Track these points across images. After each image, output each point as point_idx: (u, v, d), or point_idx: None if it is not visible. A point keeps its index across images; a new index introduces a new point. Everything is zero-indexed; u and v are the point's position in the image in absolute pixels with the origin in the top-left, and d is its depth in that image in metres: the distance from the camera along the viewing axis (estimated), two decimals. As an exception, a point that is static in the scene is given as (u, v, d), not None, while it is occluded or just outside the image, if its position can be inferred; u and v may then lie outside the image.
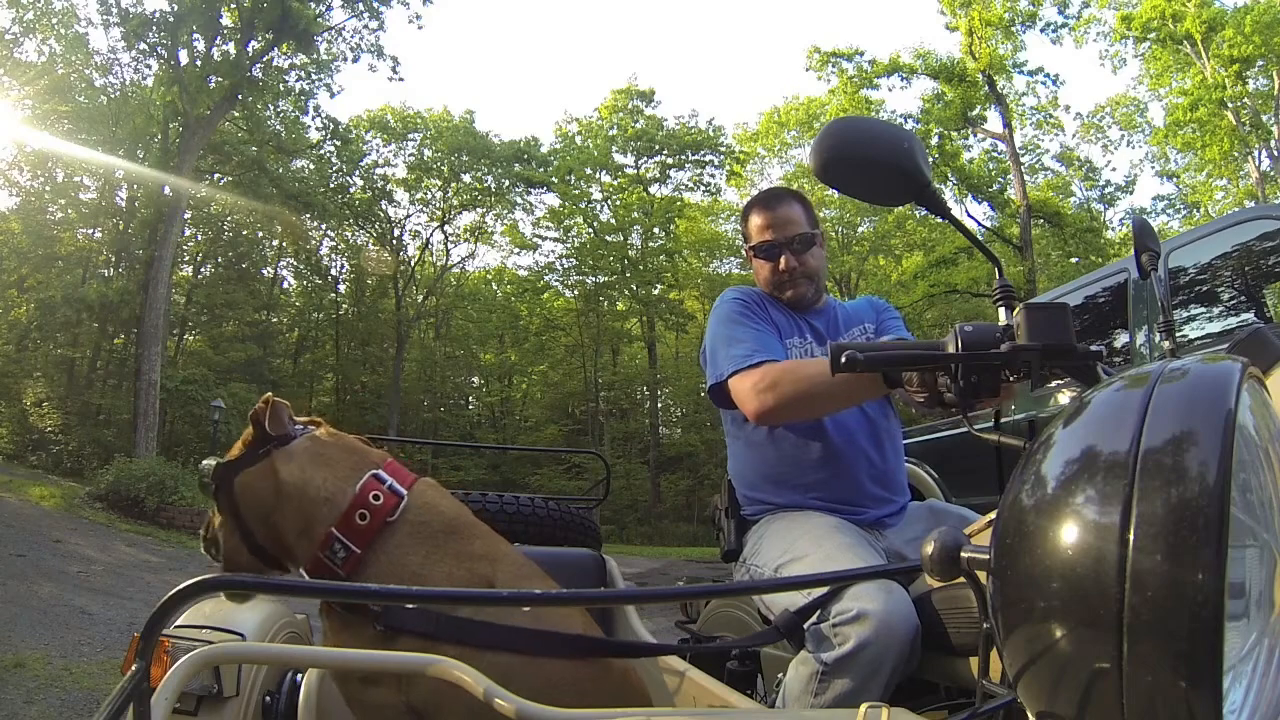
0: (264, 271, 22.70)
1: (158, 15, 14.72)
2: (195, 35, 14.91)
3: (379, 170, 21.92)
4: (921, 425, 5.23)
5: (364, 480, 1.12)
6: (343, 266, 23.40)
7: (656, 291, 21.46)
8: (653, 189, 22.45)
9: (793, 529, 1.34)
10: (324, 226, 21.53)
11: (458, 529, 1.15)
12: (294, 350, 23.19)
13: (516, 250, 23.72)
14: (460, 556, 1.11)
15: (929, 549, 0.53)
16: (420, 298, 22.64)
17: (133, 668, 0.57)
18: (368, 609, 1.01)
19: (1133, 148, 23.42)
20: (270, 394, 1.26)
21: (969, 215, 17.52)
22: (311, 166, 20.44)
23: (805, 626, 1.12)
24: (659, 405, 23.50)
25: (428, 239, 22.92)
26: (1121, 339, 4.22)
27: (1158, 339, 3.86)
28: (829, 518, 1.36)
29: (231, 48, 15.08)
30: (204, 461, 1.26)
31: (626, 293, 22.06)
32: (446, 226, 22.71)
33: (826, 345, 1.58)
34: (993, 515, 0.51)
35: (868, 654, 1.03)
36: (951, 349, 0.78)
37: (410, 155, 21.92)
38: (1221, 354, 0.50)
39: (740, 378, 1.40)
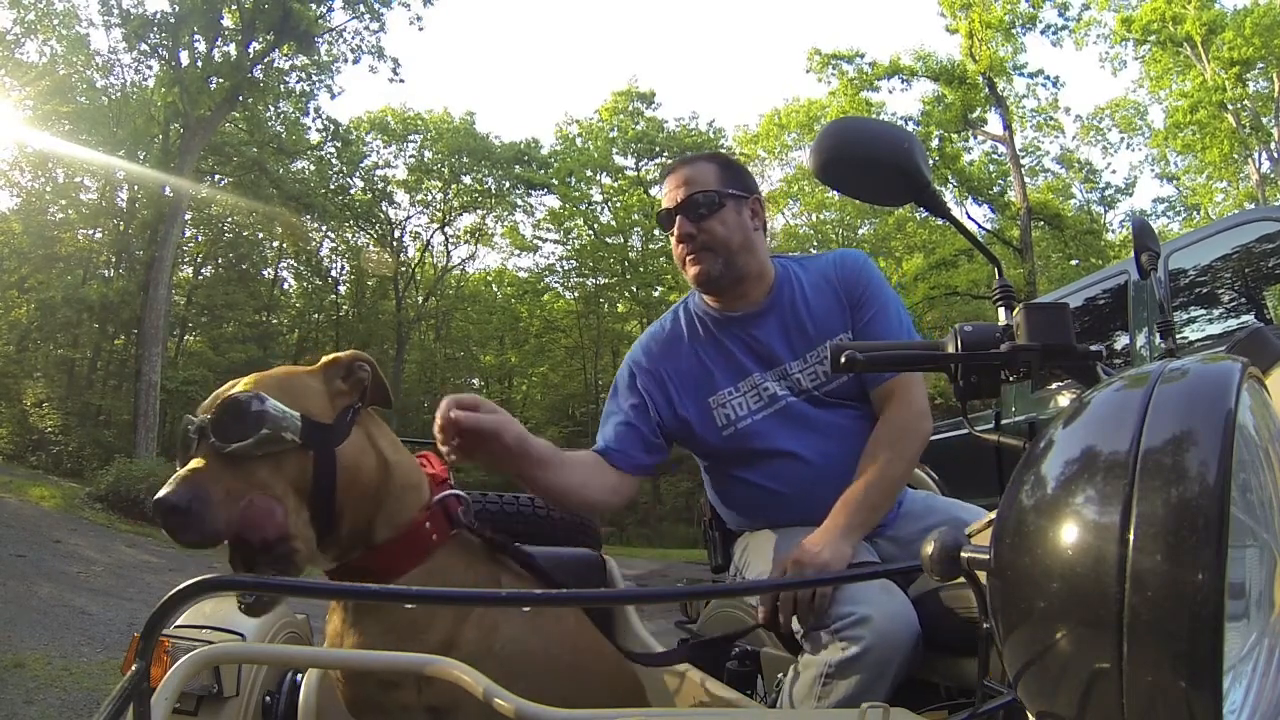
0: (264, 272, 22.69)
1: (159, 16, 14.74)
2: (196, 36, 14.92)
3: (379, 172, 21.94)
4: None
5: (440, 495, 1.09)
6: (343, 268, 23.41)
7: (657, 293, 21.43)
8: (653, 191, 22.44)
9: (783, 536, 1.32)
10: (324, 228, 21.53)
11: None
12: (294, 351, 23.15)
13: (517, 252, 23.71)
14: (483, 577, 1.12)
15: (929, 549, 0.53)
16: (420, 299, 22.64)
17: (133, 668, 0.57)
18: None
19: (1133, 150, 23.56)
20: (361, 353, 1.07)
21: (969, 218, 17.51)
22: (312, 168, 20.44)
23: (805, 630, 1.12)
24: (659, 407, 23.45)
25: (428, 240, 22.95)
26: (1122, 341, 4.22)
27: (1157, 340, 3.86)
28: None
29: (232, 49, 15.09)
30: (280, 405, 0.90)
31: (627, 295, 22.05)
32: (447, 228, 22.73)
33: (782, 374, 1.37)
34: (993, 515, 0.51)
35: (871, 657, 1.03)
36: (951, 349, 0.78)
37: (411, 157, 21.94)
38: (1221, 354, 0.50)
39: None
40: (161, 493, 0.85)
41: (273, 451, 0.91)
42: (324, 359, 1.04)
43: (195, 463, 0.89)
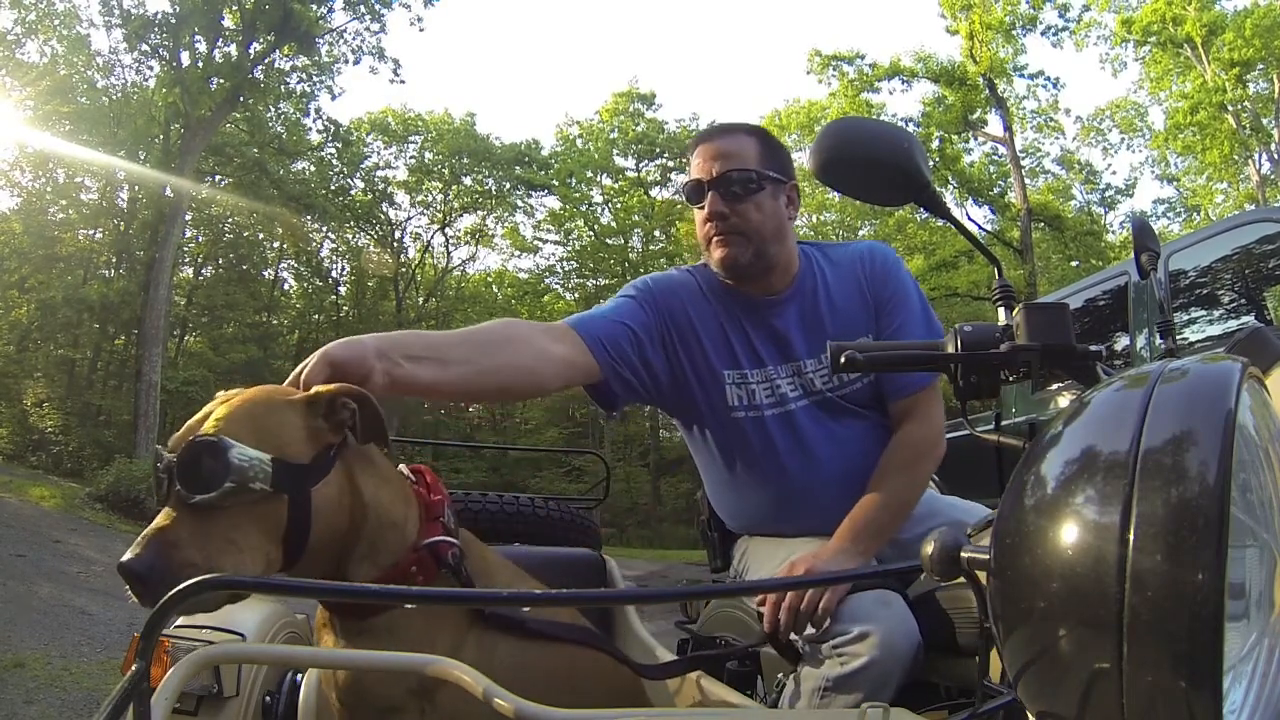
0: (265, 273, 22.70)
1: (160, 17, 14.76)
2: (197, 37, 14.93)
3: (380, 172, 21.98)
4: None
5: (431, 530, 1.04)
6: (343, 268, 23.44)
7: (657, 294, 21.44)
8: (654, 192, 22.46)
9: (785, 545, 1.30)
10: (325, 228, 21.56)
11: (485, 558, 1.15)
12: (295, 352, 23.16)
13: (517, 253, 23.74)
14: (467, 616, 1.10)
15: (929, 549, 0.53)
16: (421, 300, 22.65)
17: (133, 668, 0.57)
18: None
19: (1133, 151, 23.54)
20: (349, 385, 0.94)
21: (969, 219, 17.50)
22: (312, 168, 20.45)
23: (803, 641, 1.11)
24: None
25: (428, 241, 22.97)
26: (1122, 341, 4.22)
27: (1157, 341, 3.86)
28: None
29: (233, 49, 15.10)
30: (247, 452, 0.83)
31: (627, 295, 22.07)
32: (447, 229, 22.74)
33: (797, 370, 1.31)
34: (993, 515, 0.52)
35: (872, 672, 1.02)
36: (951, 349, 0.78)
37: (411, 157, 21.97)
38: (1221, 354, 0.50)
39: None
40: (125, 556, 0.80)
41: (241, 502, 0.84)
42: (311, 390, 0.96)
43: (161, 518, 0.84)
